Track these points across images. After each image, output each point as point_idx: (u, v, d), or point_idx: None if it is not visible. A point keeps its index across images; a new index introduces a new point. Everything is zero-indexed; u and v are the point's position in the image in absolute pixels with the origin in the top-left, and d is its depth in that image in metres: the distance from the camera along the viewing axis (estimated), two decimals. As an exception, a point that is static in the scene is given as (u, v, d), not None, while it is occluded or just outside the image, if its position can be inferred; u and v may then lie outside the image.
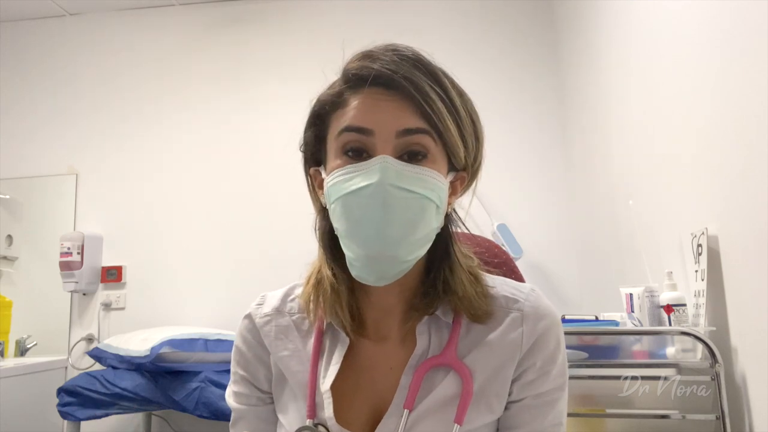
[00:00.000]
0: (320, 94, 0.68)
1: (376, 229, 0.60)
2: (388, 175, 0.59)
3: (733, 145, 1.13)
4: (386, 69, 0.61)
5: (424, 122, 0.62)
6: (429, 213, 0.62)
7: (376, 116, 0.61)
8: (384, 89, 0.62)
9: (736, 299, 1.16)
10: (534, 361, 0.66)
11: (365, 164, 0.60)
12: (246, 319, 0.75)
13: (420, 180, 0.61)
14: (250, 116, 2.83)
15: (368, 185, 0.59)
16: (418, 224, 0.61)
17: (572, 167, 2.51)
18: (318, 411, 0.66)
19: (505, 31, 2.74)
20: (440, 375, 0.65)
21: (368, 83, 0.62)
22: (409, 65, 0.62)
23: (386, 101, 0.61)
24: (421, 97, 0.61)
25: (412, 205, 0.60)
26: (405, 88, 0.61)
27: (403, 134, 0.61)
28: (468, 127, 0.65)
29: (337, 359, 0.68)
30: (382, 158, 0.60)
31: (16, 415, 2.27)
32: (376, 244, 0.60)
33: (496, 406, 0.65)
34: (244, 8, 2.95)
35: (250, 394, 0.73)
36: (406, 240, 0.61)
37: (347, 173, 0.61)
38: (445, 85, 0.63)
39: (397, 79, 0.60)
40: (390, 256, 0.61)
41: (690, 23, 1.30)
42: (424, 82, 0.61)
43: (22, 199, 2.92)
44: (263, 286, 0.88)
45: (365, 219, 0.60)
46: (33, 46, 3.06)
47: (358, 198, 0.60)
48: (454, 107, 0.63)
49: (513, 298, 0.69)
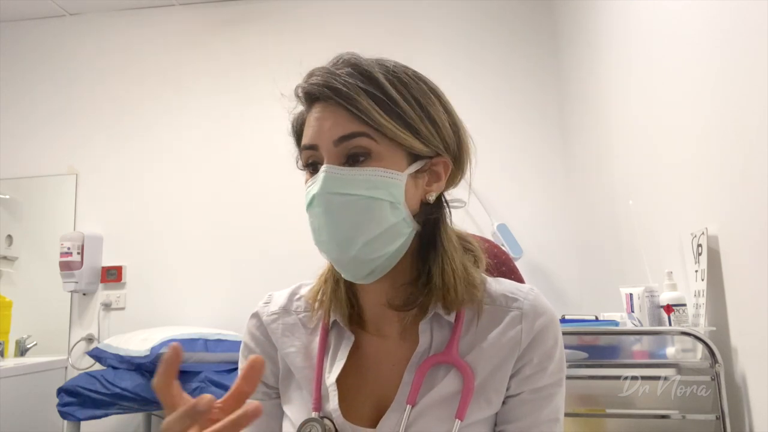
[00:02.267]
0: (295, 115, 0.73)
1: (327, 236, 0.64)
2: (327, 184, 0.63)
3: (733, 146, 1.13)
4: (316, 84, 0.65)
5: (358, 125, 0.63)
6: (379, 211, 0.63)
7: (317, 131, 0.65)
8: (323, 103, 0.65)
9: (736, 299, 1.16)
10: (532, 356, 0.67)
11: (315, 177, 0.65)
12: (254, 317, 0.78)
13: (362, 181, 0.63)
14: (250, 116, 2.83)
15: (313, 196, 0.64)
16: (366, 224, 0.63)
17: (572, 167, 2.51)
18: (323, 404, 0.68)
19: (505, 31, 2.74)
20: (442, 372, 0.67)
21: (311, 100, 0.67)
22: (344, 73, 0.64)
23: (324, 114, 0.65)
24: (347, 101, 0.63)
25: (354, 207, 0.63)
26: (333, 98, 0.63)
27: (339, 141, 0.64)
28: (413, 113, 0.65)
29: (342, 355, 0.70)
30: (324, 167, 0.64)
31: (16, 415, 2.27)
32: (332, 250, 0.65)
33: (494, 401, 0.67)
34: (244, 8, 2.96)
35: (256, 389, 0.75)
36: (358, 241, 0.63)
37: (307, 187, 0.67)
38: (378, 80, 0.64)
39: (325, 91, 0.64)
40: (350, 259, 0.64)
41: (690, 23, 1.30)
42: (352, 86, 0.63)
43: (22, 199, 2.92)
44: (263, 285, 0.89)
45: (319, 227, 0.65)
46: (33, 46, 3.06)
47: (312, 209, 0.65)
48: (389, 100, 0.63)
49: (512, 297, 0.70)
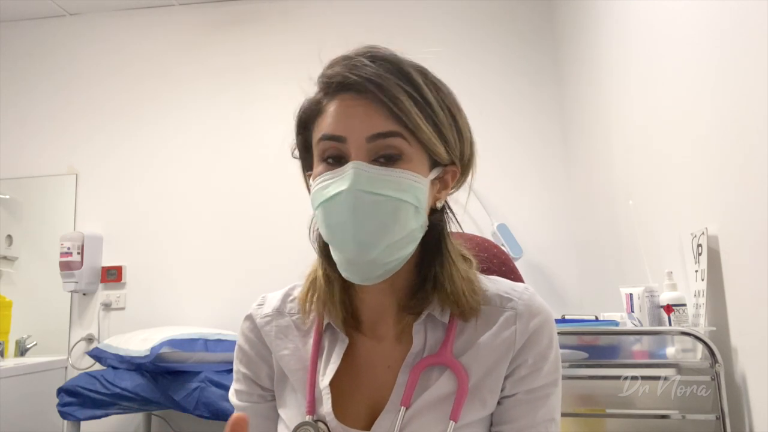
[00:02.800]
0: (303, 102, 0.69)
1: (350, 235, 0.61)
2: (358, 181, 0.60)
3: (733, 145, 1.13)
4: (355, 74, 0.62)
5: (395, 124, 0.62)
6: (404, 214, 0.62)
7: (347, 123, 0.62)
8: (355, 94, 0.63)
9: (736, 299, 1.16)
10: (526, 357, 0.67)
11: (339, 171, 0.62)
12: (247, 320, 0.77)
13: (392, 182, 0.61)
14: (250, 116, 2.83)
15: (340, 192, 0.61)
16: (392, 227, 0.62)
17: (572, 167, 2.51)
18: (317, 407, 0.67)
19: (505, 32, 2.74)
20: (436, 373, 0.67)
21: (340, 89, 0.63)
22: (381, 67, 0.62)
23: (357, 107, 0.62)
24: (389, 99, 0.61)
25: (383, 208, 0.61)
26: (373, 92, 0.61)
27: (373, 138, 0.62)
28: (445, 121, 0.65)
29: (336, 357, 0.69)
30: (353, 164, 0.61)
31: (16, 415, 2.27)
32: (351, 249, 0.62)
33: (489, 402, 0.66)
34: (244, 8, 2.95)
35: (251, 392, 0.75)
36: (381, 243, 0.62)
37: (325, 180, 0.63)
38: (417, 83, 0.63)
39: (365, 83, 0.61)
40: (368, 260, 0.62)
41: (690, 24, 1.30)
42: (392, 83, 0.61)
43: (22, 199, 2.92)
44: (263, 285, 0.89)
45: (339, 225, 0.62)
46: (33, 46, 3.06)
47: (333, 204, 0.62)
48: (427, 104, 0.63)
49: (507, 297, 0.70)
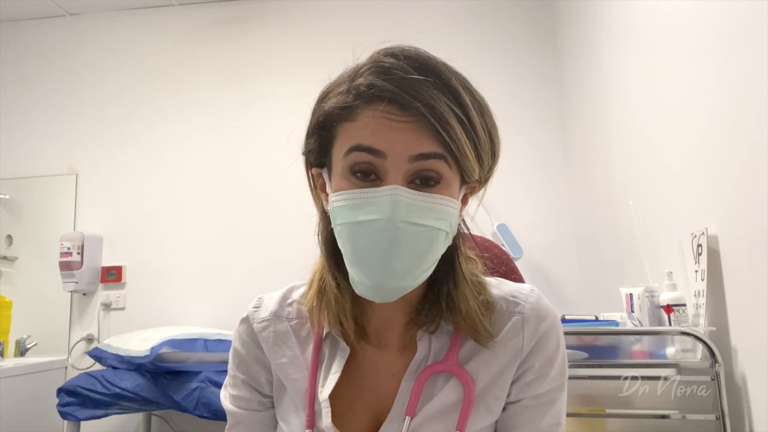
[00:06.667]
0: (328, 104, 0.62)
1: (383, 263, 0.57)
2: (398, 211, 0.56)
3: (733, 145, 1.13)
4: (401, 89, 0.56)
5: (439, 147, 0.57)
6: (438, 242, 0.60)
7: (389, 137, 0.57)
8: (399, 109, 0.57)
9: (736, 299, 1.16)
10: (533, 362, 0.65)
11: (374, 192, 0.57)
12: (243, 323, 0.73)
13: (432, 211, 0.58)
14: (250, 116, 2.83)
15: (378, 220, 0.56)
16: (426, 256, 0.59)
17: (572, 167, 2.51)
18: (317, 420, 0.65)
19: (504, 31, 2.74)
20: (441, 381, 0.64)
21: (381, 100, 0.57)
22: (428, 84, 0.57)
23: (401, 122, 0.57)
24: (438, 121, 0.56)
25: (421, 238, 0.58)
26: (422, 112, 0.56)
27: (416, 159, 0.57)
28: (486, 145, 0.62)
29: (336, 368, 0.66)
30: (393, 189, 0.56)
31: (16, 415, 2.27)
32: (381, 276, 0.58)
33: (495, 409, 0.65)
34: (244, 8, 2.95)
35: (251, 399, 0.72)
36: (414, 272, 0.59)
37: (355, 199, 0.58)
38: (465, 104, 0.58)
39: (413, 101, 0.56)
40: (395, 288, 0.59)
41: (690, 23, 1.30)
42: (442, 103, 0.56)
43: (22, 199, 2.92)
44: (263, 285, 0.87)
45: (372, 251, 0.58)
46: (33, 46, 3.06)
47: (366, 229, 0.57)
48: (473, 128, 0.59)
49: (514, 301, 0.68)
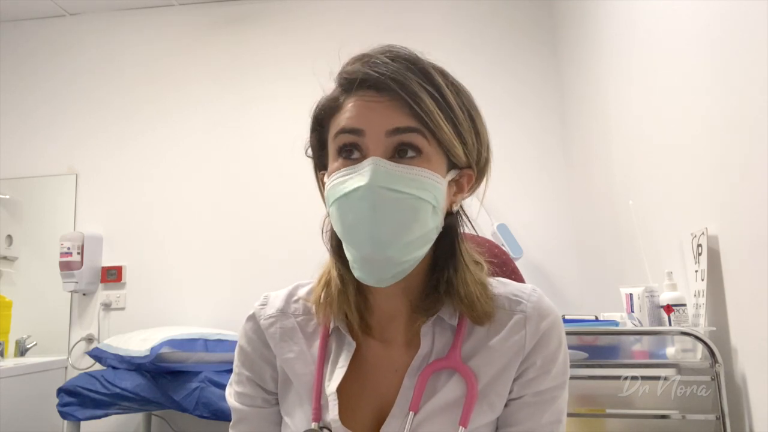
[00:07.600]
0: (319, 99, 0.68)
1: (367, 232, 0.60)
2: (377, 177, 0.59)
3: (733, 145, 1.13)
4: (376, 71, 0.61)
5: (414, 121, 0.61)
6: (423, 213, 0.61)
7: (366, 117, 0.62)
8: (375, 91, 0.62)
9: (736, 299, 1.16)
10: (535, 360, 0.66)
11: (357, 166, 0.61)
12: (250, 320, 0.75)
13: (412, 180, 0.60)
14: (250, 116, 2.83)
15: (358, 188, 0.60)
16: (410, 225, 0.61)
17: (572, 167, 2.51)
18: (323, 413, 0.65)
19: (504, 30, 2.74)
20: (444, 377, 0.65)
21: (360, 86, 0.63)
22: (402, 66, 0.62)
23: (377, 102, 0.62)
24: (410, 96, 0.61)
25: (403, 205, 0.60)
26: (394, 89, 0.61)
27: (392, 133, 0.61)
28: (465, 123, 0.64)
29: (343, 362, 0.67)
30: (372, 159, 0.60)
31: (16, 415, 2.27)
32: (368, 246, 0.61)
33: (497, 405, 0.65)
34: (244, 8, 2.95)
35: (255, 395, 0.73)
36: (399, 241, 0.61)
37: (341, 176, 0.62)
38: (438, 83, 0.63)
39: (386, 81, 0.61)
40: (384, 258, 0.61)
41: (690, 24, 1.30)
42: (414, 81, 0.61)
43: (22, 199, 2.92)
44: (263, 285, 0.87)
45: (357, 221, 0.61)
46: (33, 46, 3.06)
47: (350, 201, 0.60)
48: (447, 104, 0.63)
49: (516, 299, 0.69)
